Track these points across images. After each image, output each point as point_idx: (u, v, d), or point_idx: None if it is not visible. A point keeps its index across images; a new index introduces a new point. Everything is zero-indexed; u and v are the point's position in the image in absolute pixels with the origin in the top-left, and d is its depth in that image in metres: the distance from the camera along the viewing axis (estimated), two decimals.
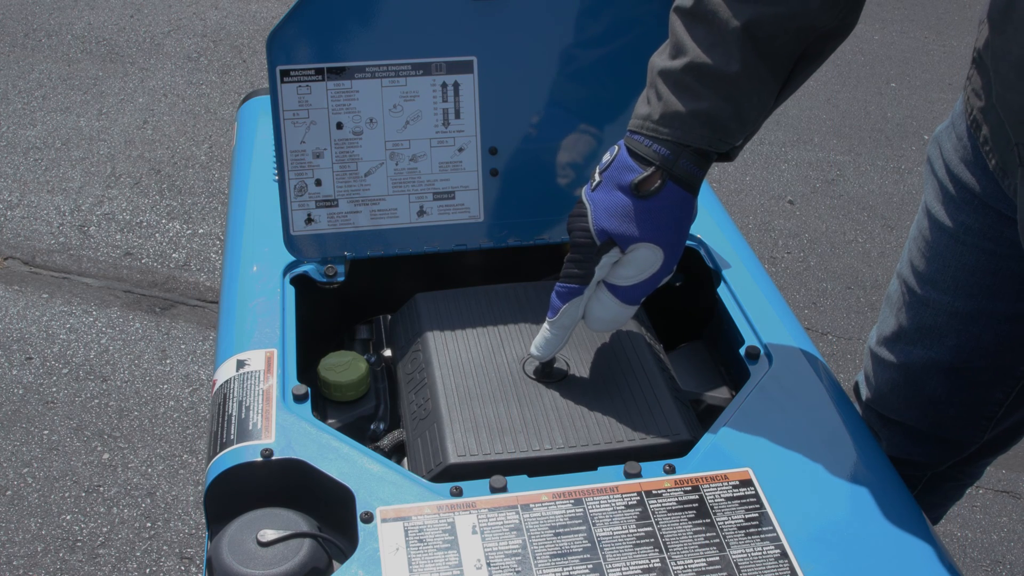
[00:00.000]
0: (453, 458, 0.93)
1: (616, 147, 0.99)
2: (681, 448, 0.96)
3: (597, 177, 0.99)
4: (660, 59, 0.97)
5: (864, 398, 1.45)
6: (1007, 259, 1.18)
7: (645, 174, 0.95)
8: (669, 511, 0.89)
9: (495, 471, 0.92)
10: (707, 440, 0.96)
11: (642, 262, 0.97)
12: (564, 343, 1.02)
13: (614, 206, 0.96)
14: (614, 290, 0.99)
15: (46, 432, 2.23)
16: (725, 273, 1.20)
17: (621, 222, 0.96)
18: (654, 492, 0.90)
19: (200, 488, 2.10)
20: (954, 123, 1.21)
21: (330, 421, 1.06)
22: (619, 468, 0.93)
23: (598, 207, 0.97)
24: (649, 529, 0.87)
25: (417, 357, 1.07)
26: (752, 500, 0.90)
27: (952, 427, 1.36)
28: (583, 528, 0.87)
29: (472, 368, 1.04)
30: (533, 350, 1.02)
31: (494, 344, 1.08)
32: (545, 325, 1.01)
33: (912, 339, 1.31)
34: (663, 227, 0.96)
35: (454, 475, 0.93)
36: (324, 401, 1.09)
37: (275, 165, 1.25)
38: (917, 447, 1.40)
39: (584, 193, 1.00)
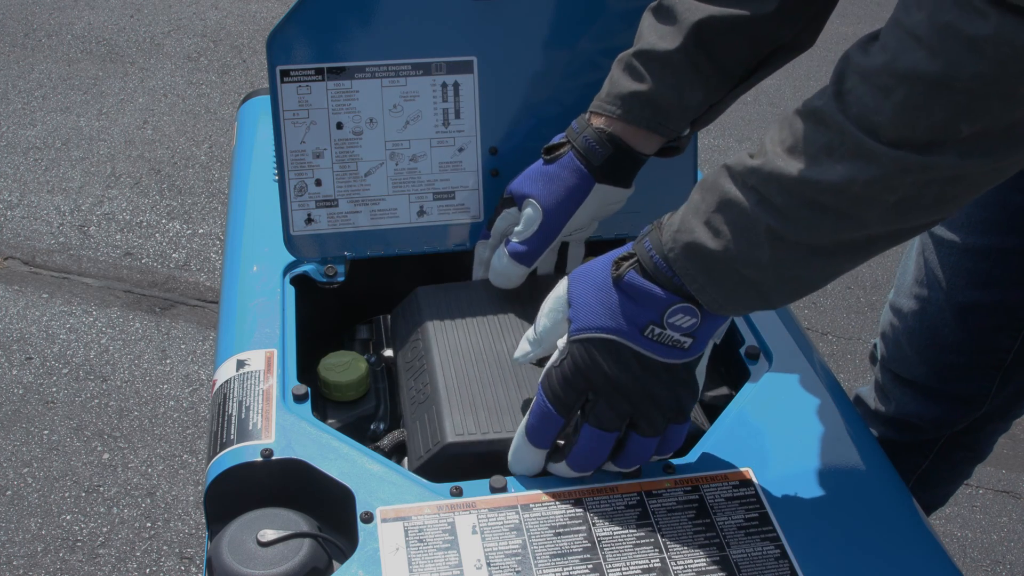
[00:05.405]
0: (451, 437, 0.93)
1: None
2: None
3: None
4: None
5: (880, 357, 1.49)
6: (1019, 192, 1.23)
7: (556, 141, 1.07)
8: (669, 511, 0.89)
9: (493, 451, 0.92)
10: (707, 440, 0.96)
11: (527, 218, 1.08)
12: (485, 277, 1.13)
13: (532, 170, 1.09)
14: (508, 244, 1.10)
15: (46, 432, 2.23)
16: None
17: (523, 181, 1.09)
18: (654, 492, 0.90)
19: (200, 488, 2.10)
20: None
21: (330, 421, 1.06)
22: None
23: (524, 172, 1.10)
24: (649, 529, 0.87)
25: (417, 345, 1.07)
26: (752, 500, 0.90)
27: (962, 380, 1.40)
28: (583, 528, 0.87)
29: (472, 354, 1.04)
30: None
31: (494, 333, 1.08)
32: None
33: (927, 282, 1.36)
34: (549, 188, 1.06)
35: (452, 455, 0.93)
36: (324, 401, 1.08)
37: (275, 165, 1.26)
38: (929, 406, 1.44)
39: None
